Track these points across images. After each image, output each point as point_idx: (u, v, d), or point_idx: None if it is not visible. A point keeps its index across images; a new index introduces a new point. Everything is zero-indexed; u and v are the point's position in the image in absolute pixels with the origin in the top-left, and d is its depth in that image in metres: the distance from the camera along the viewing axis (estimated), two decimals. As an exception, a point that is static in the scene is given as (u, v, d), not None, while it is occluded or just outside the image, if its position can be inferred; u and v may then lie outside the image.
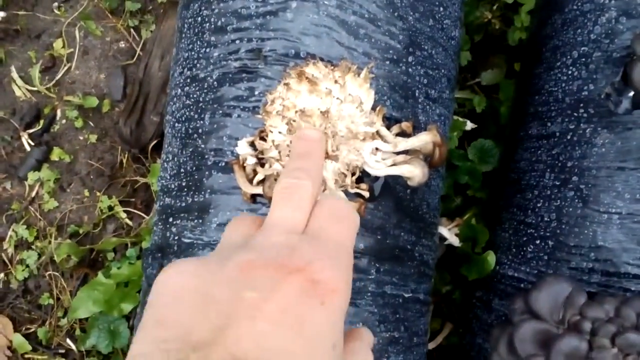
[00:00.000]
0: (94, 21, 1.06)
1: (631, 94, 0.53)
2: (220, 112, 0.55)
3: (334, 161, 0.45)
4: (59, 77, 1.06)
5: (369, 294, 0.54)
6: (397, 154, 0.48)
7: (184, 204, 0.56)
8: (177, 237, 0.56)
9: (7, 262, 1.00)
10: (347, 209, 0.31)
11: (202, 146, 0.55)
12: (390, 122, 0.53)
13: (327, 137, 0.43)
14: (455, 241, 0.75)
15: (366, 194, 0.48)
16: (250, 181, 0.50)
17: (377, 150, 0.47)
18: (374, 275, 0.54)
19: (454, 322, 0.85)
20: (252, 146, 0.49)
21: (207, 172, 0.55)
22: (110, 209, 1.00)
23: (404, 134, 0.50)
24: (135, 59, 1.06)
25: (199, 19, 0.58)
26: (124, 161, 1.03)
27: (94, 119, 1.05)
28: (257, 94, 0.53)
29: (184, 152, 0.57)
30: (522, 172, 0.67)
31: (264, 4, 0.53)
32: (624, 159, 0.56)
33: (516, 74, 0.90)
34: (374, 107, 0.47)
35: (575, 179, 0.59)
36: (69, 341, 0.97)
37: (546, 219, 0.61)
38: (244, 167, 0.50)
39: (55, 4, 1.09)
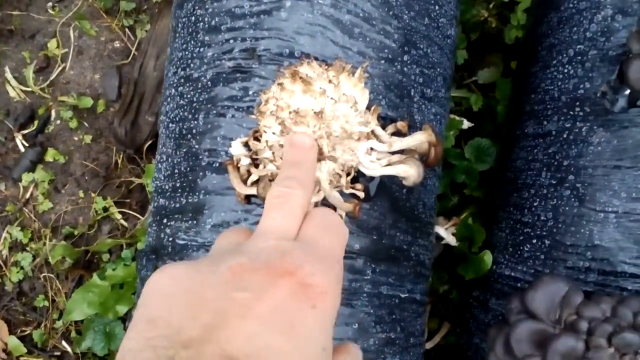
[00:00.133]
0: (88, 21, 1.06)
1: (627, 92, 0.53)
2: (214, 112, 0.54)
3: (329, 161, 0.44)
4: (53, 77, 1.05)
5: (365, 295, 0.54)
6: (392, 153, 0.47)
7: (178, 205, 0.56)
8: (171, 239, 0.56)
9: (2, 264, 1.00)
10: (337, 220, 0.32)
11: (196, 147, 0.55)
12: (385, 121, 0.53)
13: (321, 137, 0.42)
14: (452, 240, 0.75)
15: (361, 194, 0.48)
16: (244, 182, 0.49)
17: (372, 150, 0.46)
18: (369, 275, 0.54)
19: (452, 321, 0.85)
20: (246, 147, 0.49)
21: (201, 173, 0.54)
22: (105, 210, 1.00)
23: (399, 134, 0.50)
24: (130, 59, 1.06)
25: (193, 18, 0.57)
26: (119, 162, 1.02)
27: (89, 119, 1.04)
28: (251, 93, 0.53)
29: (178, 152, 0.57)
30: (518, 171, 0.66)
31: (257, 3, 0.53)
32: (620, 157, 0.56)
33: (513, 73, 0.90)
34: (368, 107, 0.46)
35: (571, 177, 0.59)
36: (64, 343, 0.96)
37: (543, 218, 0.61)
38: (238, 168, 0.50)
39: (49, 4, 1.09)
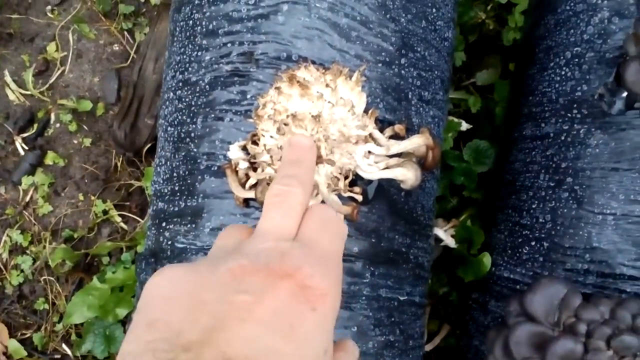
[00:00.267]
0: (87, 24, 1.06)
1: (624, 94, 0.53)
2: (212, 115, 0.54)
3: (327, 165, 0.44)
4: (52, 80, 1.05)
5: (364, 298, 0.54)
6: (390, 157, 0.47)
7: (177, 209, 0.56)
8: (170, 242, 0.56)
9: (2, 267, 1.00)
10: (336, 219, 0.31)
11: (195, 150, 0.55)
12: (383, 124, 0.53)
13: (319, 141, 0.42)
14: (451, 242, 0.75)
15: (359, 198, 0.48)
16: (242, 185, 0.49)
17: (370, 153, 0.47)
18: (368, 278, 0.54)
19: (451, 323, 0.85)
20: (245, 150, 0.49)
21: (199, 177, 0.54)
22: (105, 212, 1.00)
23: (397, 137, 0.50)
24: (129, 62, 1.06)
25: (191, 22, 0.57)
26: (119, 165, 1.02)
27: (88, 122, 1.04)
28: (249, 97, 0.53)
29: (177, 156, 0.57)
30: (516, 173, 0.66)
31: (255, 7, 0.53)
32: (617, 159, 0.56)
33: (511, 75, 0.90)
34: (366, 110, 0.46)
35: (569, 180, 0.59)
36: (64, 346, 0.96)
37: (541, 220, 0.61)
38: (236, 172, 0.50)
39: (48, 8, 1.09)
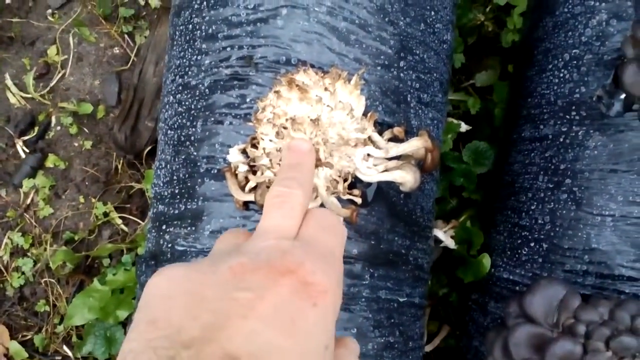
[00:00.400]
0: (87, 27, 1.06)
1: (622, 96, 0.54)
2: (212, 119, 0.54)
3: (326, 168, 0.45)
4: (53, 83, 1.06)
5: (363, 299, 0.54)
6: (389, 159, 0.48)
7: (177, 212, 0.56)
8: (170, 245, 0.56)
9: (3, 269, 1.00)
10: (336, 220, 0.32)
11: (195, 154, 0.55)
12: (382, 127, 0.53)
13: (318, 144, 0.43)
14: (450, 243, 0.75)
15: (358, 200, 0.48)
16: (242, 188, 0.50)
17: (369, 156, 0.47)
18: (368, 280, 0.54)
19: (451, 324, 0.85)
20: (244, 154, 0.49)
21: (199, 180, 0.55)
22: (105, 215, 1.00)
23: (396, 139, 0.50)
24: (129, 65, 1.06)
25: (190, 26, 0.58)
26: (119, 167, 1.02)
27: (89, 125, 1.05)
28: (248, 101, 0.53)
29: (177, 159, 0.57)
30: (515, 174, 0.67)
31: (254, 11, 0.53)
32: (616, 161, 0.56)
33: (510, 76, 0.90)
34: (365, 113, 0.47)
35: (568, 181, 0.59)
36: (65, 348, 0.97)
37: (540, 221, 0.61)
38: (235, 175, 0.50)
39: (49, 11, 1.09)
